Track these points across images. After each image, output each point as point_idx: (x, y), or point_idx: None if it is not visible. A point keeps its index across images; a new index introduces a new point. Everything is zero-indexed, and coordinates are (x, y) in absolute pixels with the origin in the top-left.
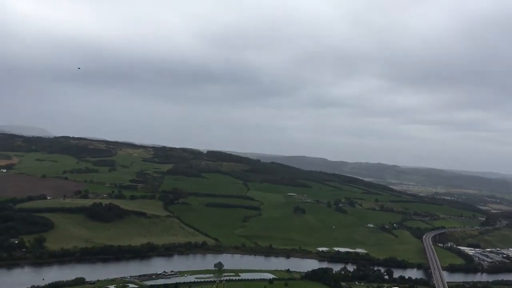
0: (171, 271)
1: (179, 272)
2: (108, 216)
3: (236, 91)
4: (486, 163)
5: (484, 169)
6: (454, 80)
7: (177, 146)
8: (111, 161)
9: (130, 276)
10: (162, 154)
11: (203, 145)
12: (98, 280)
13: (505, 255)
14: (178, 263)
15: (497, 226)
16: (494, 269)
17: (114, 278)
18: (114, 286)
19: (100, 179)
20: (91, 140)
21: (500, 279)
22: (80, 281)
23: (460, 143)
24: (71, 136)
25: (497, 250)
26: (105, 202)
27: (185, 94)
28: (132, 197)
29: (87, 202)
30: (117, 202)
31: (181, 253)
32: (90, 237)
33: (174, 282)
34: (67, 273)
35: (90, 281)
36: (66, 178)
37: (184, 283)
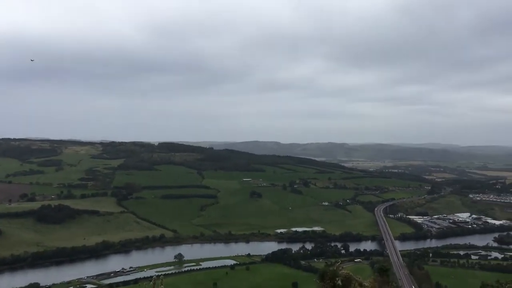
0: (130, 267)
1: (138, 267)
2: (58, 218)
3: (184, 81)
4: (429, 135)
5: (428, 141)
6: (395, 57)
7: (126, 141)
8: (57, 161)
9: (87, 277)
10: (111, 149)
11: (154, 138)
12: (53, 284)
13: (451, 221)
14: (136, 259)
15: (442, 193)
16: (442, 234)
17: (70, 281)
18: None
19: (47, 180)
20: (34, 140)
21: (448, 243)
22: (34, 286)
23: (405, 117)
24: (12, 138)
25: (444, 216)
26: (54, 203)
27: (132, 86)
28: (83, 196)
29: (35, 205)
30: (67, 202)
31: (139, 248)
32: (41, 240)
33: (134, 278)
34: (20, 279)
35: (45, 286)
36: (10, 182)
37: (144, 278)
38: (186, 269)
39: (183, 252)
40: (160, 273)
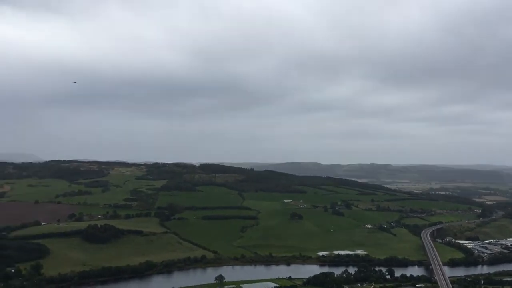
0: None
1: None
2: (104, 237)
3: (223, 103)
4: (476, 155)
5: (475, 162)
6: (438, 76)
7: (169, 162)
8: (104, 182)
9: None
10: (155, 170)
11: (195, 159)
12: None
13: (503, 246)
14: (178, 280)
15: (493, 217)
16: (494, 260)
17: None
18: None
19: (93, 201)
20: (83, 162)
21: (501, 269)
22: None
23: (449, 137)
24: (62, 160)
25: (496, 241)
26: (100, 223)
27: (173, 109)
28: (127, 216)
29: (82, 225)
30: (112, 222)
31: (180, 269)
32: (87, 260)
33: None
34: None
35: None
36: (59, 202)
37: None
38: None
39: (224, 273)
40: None
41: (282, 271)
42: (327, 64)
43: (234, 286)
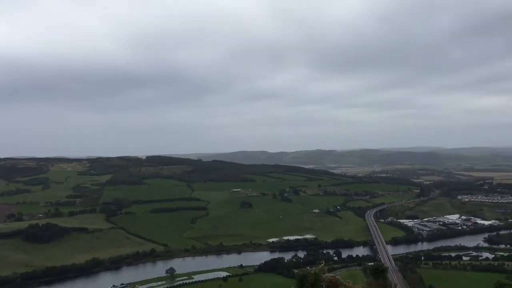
0: (121, 284)
1: (130, 283)
2: (46, 237)
3: (167, 94)
4: (415, 138)
5: (414, 144)
6: (376, 63)
7: (113, 156)
8: (43, 179)
9: None
10: (99, 165)
11: (141, 152)
12: None
13: (441, 223)
14: (127, 275)
15: (431, 196)
16: (433, 237)
17: None
18: None
19: (33, 199)
20: (19, 159)
21: (439, 245)
22: None
23: (390, 122)
24: None
25: (434, 218)
26: (42, 222)
27: (115, 101)
28: (71, 213)
29: (22, 225)
30: (55, 220)
31: (129, 264)
32: (30, 260)
33: None
34: None
35: None
36: None
37: None
38: (178, 283)
39: (175, 266)
40: None
41: (233, 260)
42: (271, 53)
43: (185, 277)
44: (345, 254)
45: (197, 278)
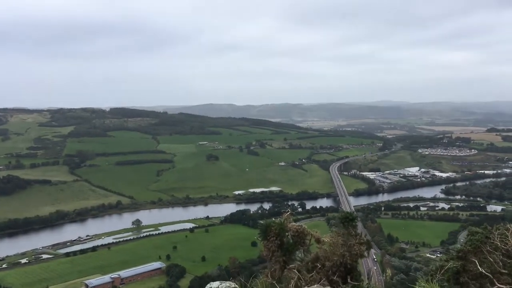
0: (87, 236)
1: (95, 235)
2: (8, 189)
3: (132, 44)
4: (381, 93)
5: (380, 99)
6: (345, 16)
7: (76, 107)
8: (2, 130)
9: (42, 247)
10: (61, 116)
11: (104, 103)
12: (7, 256)
13: (401, 175)
14: (93, 227)
15: (393, 149)
16: (393, 188)
17: (25, 251)
18: (26, 259)
19: None
20: None
21: (399, 196)
22: None
23: (357, 76)
24: None
25: (395, 171)
26: (3, 174)
27: (77, 51)
28: (33, 166)
29: None
30: (16, 172)
31: (95, 216)
32: None
33: (91, 246)
34: None
35: None
36: None
37: (102, 245)
38: (144, 234)
39: (141, 218)
40: (118, 239)
41: (199, 212)
42: (237, 2)
43: (152, 229)
44: (309, 205)
45: (164, 229)
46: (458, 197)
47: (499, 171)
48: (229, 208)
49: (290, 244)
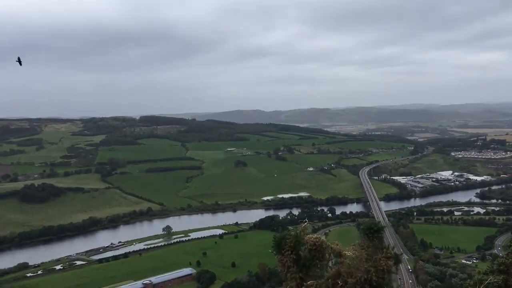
0: (119, 242)
1: (127, 242)
2: (42, 197)
3: (158, 52)
4: (410, 95)
5: (409, 102)
6: (371, 19)
7: (107, 116)
8: (37, 140)
9: (76, 254)
10: (92, 125)
11: (134, 112)
12: (42, 263)
13: (434, 179)
14: (124, 234)
15: (425, 153)
16: (425, 193)
17: (59, 258)
18: (61, 266)
19: (28, 160)
20: (12, 120)
21: (431, 201)
22: (23, 266)
23: (385, 79)
24: None
25: (427, 175)
26: (38, 182)
27: (106, 61)
28: (66, 174)
29: (18, 185)
30: (50, 181)
31: (126, 223)
32: (26, 220)
33: (123, 252)
34: (8, 260)
35: (33, 265)
36: None
37: (134, 251)
38: (175, 240)
39: (171, 224)
40: (149, 246)
41: (229, 218)
42: (262, 8)
43: (182, 235)
44: (339, 210)
45: (193, 235)
46: (494, 201)
47: None
48: (257, 214)
49: (308, 258)
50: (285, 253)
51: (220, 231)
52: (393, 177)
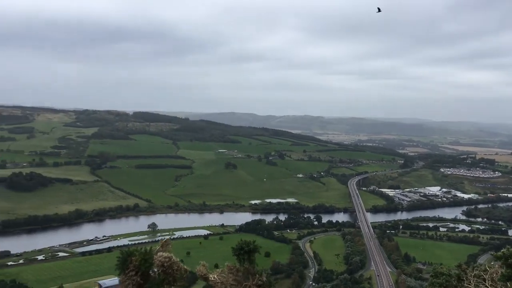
0: (103, 236)
1: (112, 236)
2: (30, 186)
3: (153, 49)
4: (403, 109)
5: (402, 115)
6: (366, 31)
7: (100, 109)
8: (29, 128)
9: (59, 245)
10: (85, 117)
11: (128, 107)
12: (24, 252)
13: (422, 194)
14: (110, 228)
15: (414, 167)
16: (412, 207)
17: (42, 249)
18: (43, 256)
19: (18, 148)
20: (4, 107)
21: (418, 216)
22: (5, 254)
23: (379, 91)
24: None
25: (415, 189)
26: (26, 171)
27: (102, 54)
28: (56, 164)
29: (6, 173)
30: (39, 170)
31: (112, 217)
32: (11, 208)
33: (107, 246)
34: None
35: (16, 254)
36: None
37: (117, 246)
38: (159, 238)
39: (157, 221)
40: (134, 242)
41: (215, 219)
42: (260, 13)
43: (167, 233)
44: (325, 219)
45: (178, 234)
46: (479, 219)
47: None
48: (244, 217)
49: (158, 281)
50: (128, 274)
51: (205, 232)
52: (382, 189)
